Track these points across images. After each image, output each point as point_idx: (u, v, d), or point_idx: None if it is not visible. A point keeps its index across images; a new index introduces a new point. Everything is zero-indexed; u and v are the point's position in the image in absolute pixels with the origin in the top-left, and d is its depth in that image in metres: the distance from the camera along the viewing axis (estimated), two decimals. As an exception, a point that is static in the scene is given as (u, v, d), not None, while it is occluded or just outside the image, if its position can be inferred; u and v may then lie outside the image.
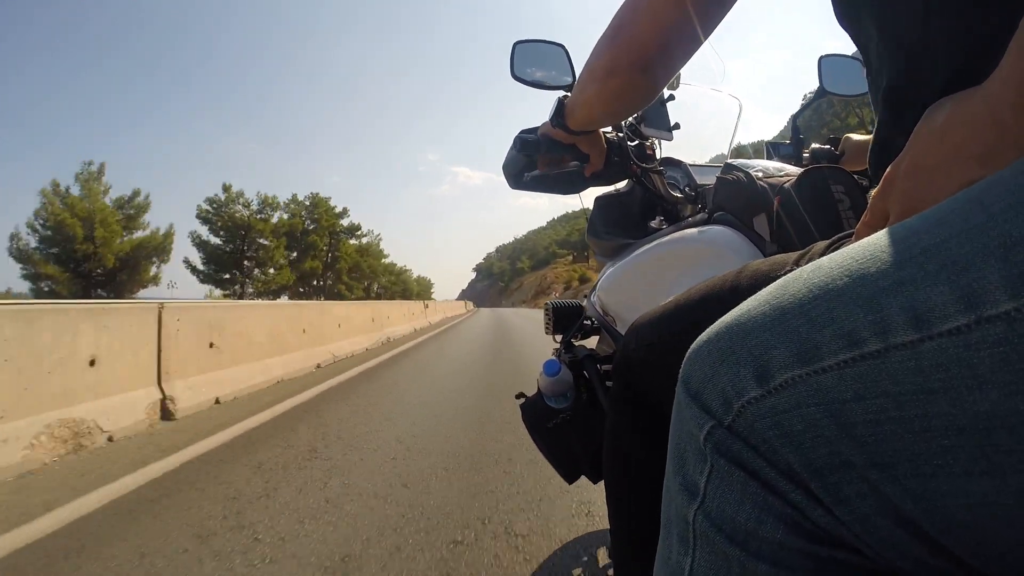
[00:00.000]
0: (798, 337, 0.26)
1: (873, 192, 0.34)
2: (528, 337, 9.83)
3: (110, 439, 2.66)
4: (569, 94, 0.73)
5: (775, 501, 0.27)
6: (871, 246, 0.26)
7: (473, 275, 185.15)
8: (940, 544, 0.24)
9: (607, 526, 1.57)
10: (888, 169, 0.33)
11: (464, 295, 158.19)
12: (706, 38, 0.54)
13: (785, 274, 0.31)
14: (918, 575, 0.26)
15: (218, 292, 33.14)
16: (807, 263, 0.33)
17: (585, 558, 1.42)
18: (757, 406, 0.27)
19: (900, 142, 0.33)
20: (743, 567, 0.28)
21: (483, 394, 3.88)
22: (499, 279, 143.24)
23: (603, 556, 1.42)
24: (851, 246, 0.28)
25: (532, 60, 0.95)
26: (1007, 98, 0.26)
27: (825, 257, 0.29)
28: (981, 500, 0.22)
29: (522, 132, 0.79)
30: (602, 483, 0.97)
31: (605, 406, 0.89)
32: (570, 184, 0.89)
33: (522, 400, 1.00)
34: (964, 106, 0.29)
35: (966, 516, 0.23)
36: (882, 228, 0.29)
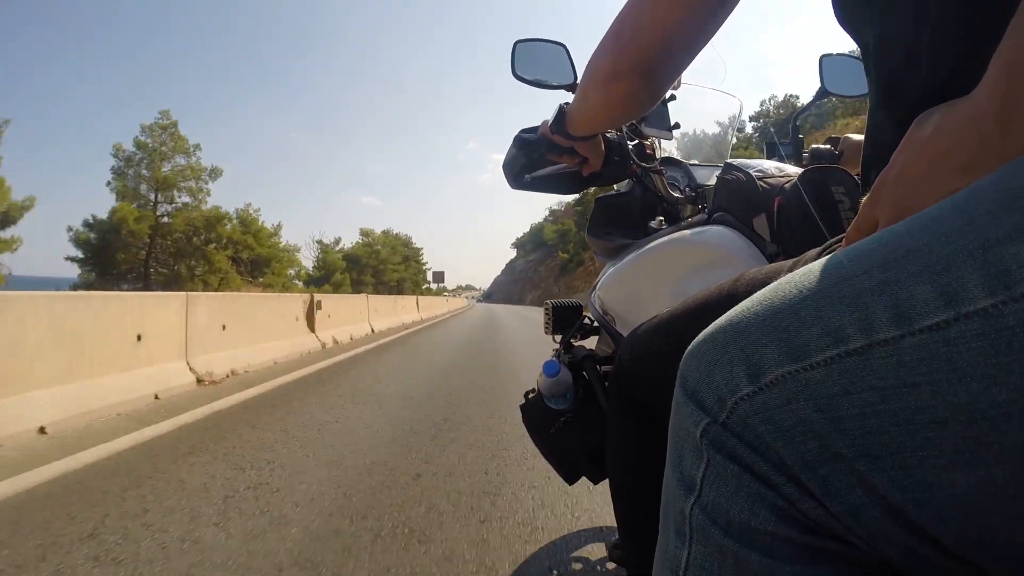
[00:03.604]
0: (788, 336, 0.27)
1: (863, 199, 0.34)
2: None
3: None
4: (569, 103, 0.72)
5: (768, 494, 0.28)
6: (858, 250, 0.27)
7: (513, 252, 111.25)
8: (928, 533, 0.25)
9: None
10: (878, 178, 0.33)
11: (497, 283, 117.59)
12: (710, 38, 0.53)
13: None
14: (907, 564, 0.27)
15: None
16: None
17: (580, 554, 1.42)
18: (750, 402, 0.28)
19: (891, 144, 0.34)
20: (737, 558, 0.28)
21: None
22: (557, 248, 66.97)
23: (598, 552, 1.42)
24: (840, 251, 0.29)
25: (533, 59, 0.95)
26: (990, 110, 0.27)
27: (815, 262, 0.29)
28: (965, 490, 0.23)
29: (522, 131, 0.79)
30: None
31: (605, 407, 0.89)
32: (570, 185, 0.89)
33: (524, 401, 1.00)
34: (950, 117, 0.30)
35: (952, 506, 0.24)
36: (871, 234, 0.30)
